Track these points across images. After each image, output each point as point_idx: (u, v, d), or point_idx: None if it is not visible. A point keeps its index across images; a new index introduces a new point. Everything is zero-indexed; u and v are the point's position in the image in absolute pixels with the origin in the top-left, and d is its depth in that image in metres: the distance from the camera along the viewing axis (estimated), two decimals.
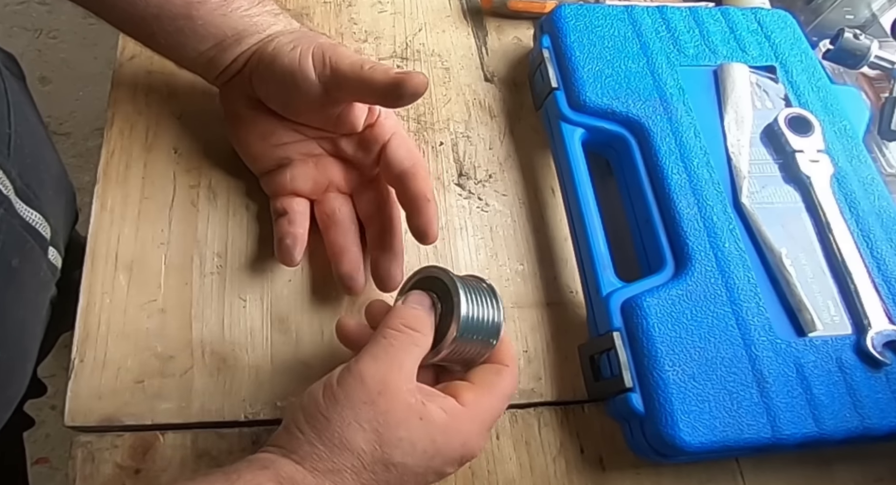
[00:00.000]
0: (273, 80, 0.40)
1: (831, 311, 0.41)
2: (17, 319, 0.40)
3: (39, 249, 0.41)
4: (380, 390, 0.31)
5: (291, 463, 0.30)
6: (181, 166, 0.46)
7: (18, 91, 0.43)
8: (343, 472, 0.30)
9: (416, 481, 0.32)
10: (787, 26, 0.53)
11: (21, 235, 0.38)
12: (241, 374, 0.40)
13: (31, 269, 0.40)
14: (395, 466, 0.31)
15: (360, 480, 0.31)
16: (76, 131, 1.37)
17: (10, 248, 0.37)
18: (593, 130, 0.47)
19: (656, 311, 0.39)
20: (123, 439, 0.38)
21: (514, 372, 0.36)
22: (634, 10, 0.52)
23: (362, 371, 0.31)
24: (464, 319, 0.34)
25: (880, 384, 0.39)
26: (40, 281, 0.42)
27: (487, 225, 0.47)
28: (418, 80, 0.36)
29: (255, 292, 0.42)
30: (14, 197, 0.37)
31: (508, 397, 0.36)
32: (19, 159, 0.38)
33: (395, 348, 0.32)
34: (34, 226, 0.40)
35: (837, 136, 0.48)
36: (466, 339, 0.34)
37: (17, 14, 1.49)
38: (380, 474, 0.31)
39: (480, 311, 0.34)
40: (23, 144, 0.39)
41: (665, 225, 0.43)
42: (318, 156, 0.43)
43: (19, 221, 0.38)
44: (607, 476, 0.40)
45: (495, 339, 0.35)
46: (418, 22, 0.56)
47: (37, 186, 0.40)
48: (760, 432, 0.37)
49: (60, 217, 0.46)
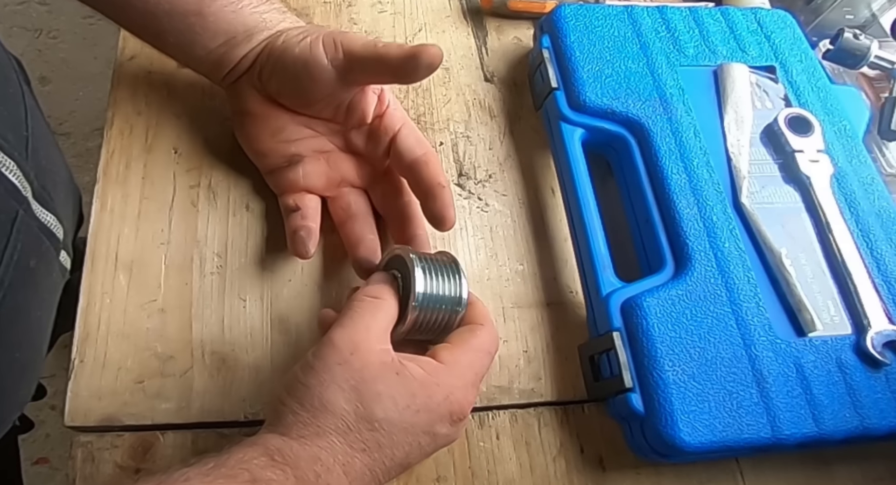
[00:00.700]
0: (285, 72, 0.40)
1: (831, 311, 0.41)
2: (34, 320, 0.40)
3: (53, 251, 0.41)
4: (352, 350, 0.32)
5: (277, 436, 0.31)
6: (181, 166, 0.46)
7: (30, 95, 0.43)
8: (328, 434, 0.31)
9: (409, 443, 0.32)
10: (787, 26, 0.53)
11: (38, 237, 0.39)
12: (241, 374, 0.40)
13: (46, 270, 0.40)
14: (379, 422, 0.31)
15: (348, 441, 0.31)
16: (76, 131, 1.37)
17: (28, 249, 0.37)
18: (593, 130, 0.47)
19: (656, 311, 0.39)
20: (123, 439, 0.38)
21: (489, 329, 0.37)
22: (634, 10, 0.52)
23: (332, 337, 0.33)
24: (420, 292, 0.35)
25: (880, 384, 0.39)
26: (53, 282, 0.42)
27: (487, 225, 0.47)
28: (433, 52, 0.36)
29: (255, 292, 0.42)
30: (32, 198, 0.38)
31: (488, 352, 0.36)
32: (35, 161, 0.38)
33: (359, 314, 0.34)
34: (49, 227, 0.40)
35: (837, 136, 0.48)
36: (430, 308, 0.36)
37: (17, 14, 1.49)
38: (365, 433, 0.31)
39: (439, 282, 0.36)
40: (38, 146, 0.39)
41: (665, 225, 0.44)
42: (329, 152, 0.43)
43: (36, 222, 0.38)
44: (607, 476, 0.40)
45: (459, 306, 0.37)
46: (418, 22, 0.56)
47: (51, 188, 0.41)
48: (760, 432, 0.37)
49: (70, 219, 0.46)
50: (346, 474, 0.31)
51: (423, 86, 0.53)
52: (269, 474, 0.29)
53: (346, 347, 0.32)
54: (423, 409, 0.32)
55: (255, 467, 0.29)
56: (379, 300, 0.35)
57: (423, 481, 0.39)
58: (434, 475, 0.39)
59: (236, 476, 0.28)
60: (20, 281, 0.36)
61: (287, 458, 0.30)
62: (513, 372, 0.42)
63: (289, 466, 0.29)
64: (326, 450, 0.31)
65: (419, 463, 0.34)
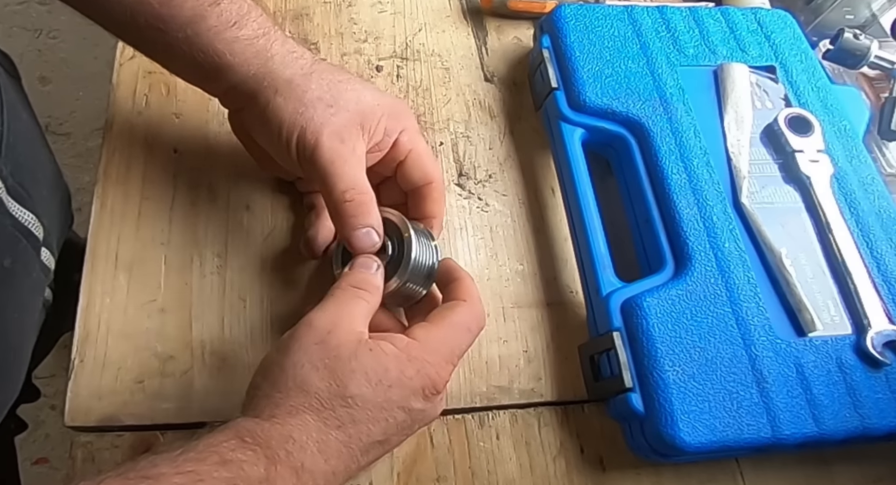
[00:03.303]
0: (260, 134, 0.39)
1: (831, 311, 0.41)
2: (10, 321, 0.39)
3: (32, 250, 0.41)
4: (329, 330, 0.32)
5: (250, 419, 0.31)
6: (181, 166, 0.46)
7: (13, 90, 0.43)
8: (302, 413, 0.31)
9: (385, 418, 0.32)
10: (787, 26, 0.53)
11: (13, 235, 0.38)
12: (241, 374, 0.40)
13: (24, 269, 0.40)
14: (353, 398, 0.31)
15: (322, 418, 0.31)
16: (76, 131, 1.37)
17: (1, 248, 0.36)
18: (593, 130, 0.47)
19: (656, 311, 0.39)
20: (123, 439, 0.38)
21: (471, 306, 0.37)
22: (634, 10, 0.52)
23: (311, 318, 0.33)
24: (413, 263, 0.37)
25: (880, 384, 0.39)
26: (33, 282, 0.42)
27: (487, 225, 0.47)
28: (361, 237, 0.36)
29: (255, 292, 0.42)
30: (6, 196, 0.37)
31: (467, 328, 0.36)
32: (12, 158, 0.38)
33: (341, 301, 0.34)
34: (26, 226, 0.40)
35: (837, 136, 0.48)
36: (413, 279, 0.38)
37: (17, 14, 1.49)
38: (339, 410, 0.31)
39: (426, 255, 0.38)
40: (16, 142, 0.39)
41: (665, 225, 0.43)
42: None
43: (11, 220, 0.38)
44: (607, 476, 0.40)
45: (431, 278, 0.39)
46: (418, 22, 0.56)
47: (30, 186, 0.40)
48: (760, 432, 0.37)
49: (55, 218, 0.46)
50: (320, 451, 0.30)
51: (423, 85, 0.53)
52: (238, 455, 0.28)
53: (325, 326, 0.32)
54: (396, 383, 0.32)
55: (224, 450, 0.28)
56: (363, 292, 0.35)
57: (423, 481, 0.39)
58: (434, 475, 0.39)
59: (205, 459, 0.28)
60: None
61: (258, 438, 0.29)
62: (513, 372, 0.42)
63: (259, 446, 0.29)
64: (299, 428, 0.30)
65: (399, 443, 0.34)
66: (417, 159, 0.41)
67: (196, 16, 0.36)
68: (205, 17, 0.36)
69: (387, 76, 0.53)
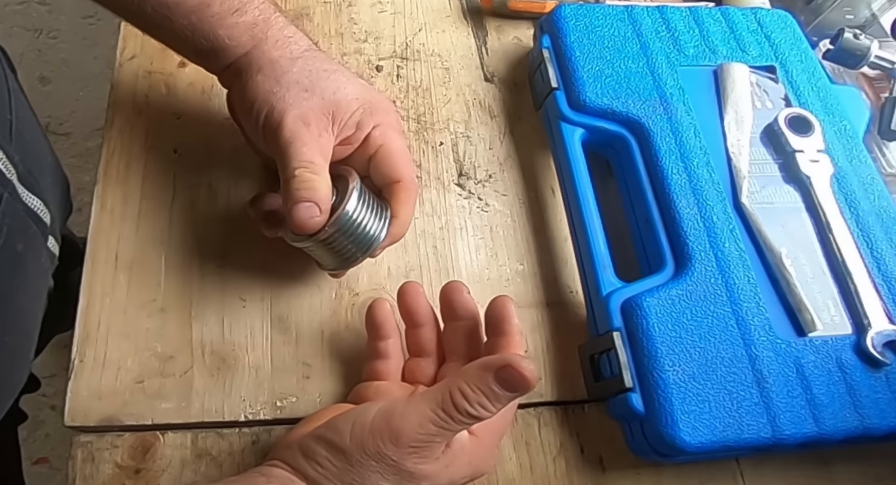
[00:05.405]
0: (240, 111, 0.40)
1: (831, 311, 0.41)
2: (23, 304, 0.40)
3: (41, 236, 0.41)
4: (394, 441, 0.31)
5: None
6: (181, 166, 0.46)
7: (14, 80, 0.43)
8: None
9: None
10: (787, 26, 0.53)
11: (24, 221, 0.39)
12: (241, 374, 0.40)
13: (34, 255, 0.41)
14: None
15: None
16: (76, 131, 1.37)
17: (15, 232, 0.37)
18: (593, 129, 0.47)
19: (656, 311, 0.39)
20: (123, 439, 0.38)
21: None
22: (634, 10, 0.52)
23: (401, 432, 0.31)
24: (349, 212, 0.37)
25: (880, 384, 0.39)
26: (41, 267, 0.42)
27: (487, 225, 0.47)
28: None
29: (255, 292, 0.42)
30: (17, 182, 0.38)
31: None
32: (21, 145, 0.38)
33: (441, 435, 0.31)
34: (36, 212, 0.40)
35: (837, 136, 0.48)
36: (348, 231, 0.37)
37: (17, 14, 1.49)
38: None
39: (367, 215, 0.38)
40: (23, 130, 0.39)
41: (665, 225, 0.43)
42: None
43: (23, 206, 0.38)
44: (607, 476, 0.40)
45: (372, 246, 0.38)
46: (418, 22, 0.56)
47: (37, 173, 0.41)
48: (760, 432, 0.37)
49: (58, 206, 0.46)
50: None
51: (423, 85, 0.53)
52: None
53: (408, 448, 0.31)
54: (446, 477, 0.33)
55: None
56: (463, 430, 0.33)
57: None
58: None
59: None
60: (7, 265, 0.36)
61: None
62: None
63: None
64: None
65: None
66: (387, 156, 0.40)
67: (201, 4, 0.37)
68: (209, 5, 0.38)
69: (387, 76, 0.53)
